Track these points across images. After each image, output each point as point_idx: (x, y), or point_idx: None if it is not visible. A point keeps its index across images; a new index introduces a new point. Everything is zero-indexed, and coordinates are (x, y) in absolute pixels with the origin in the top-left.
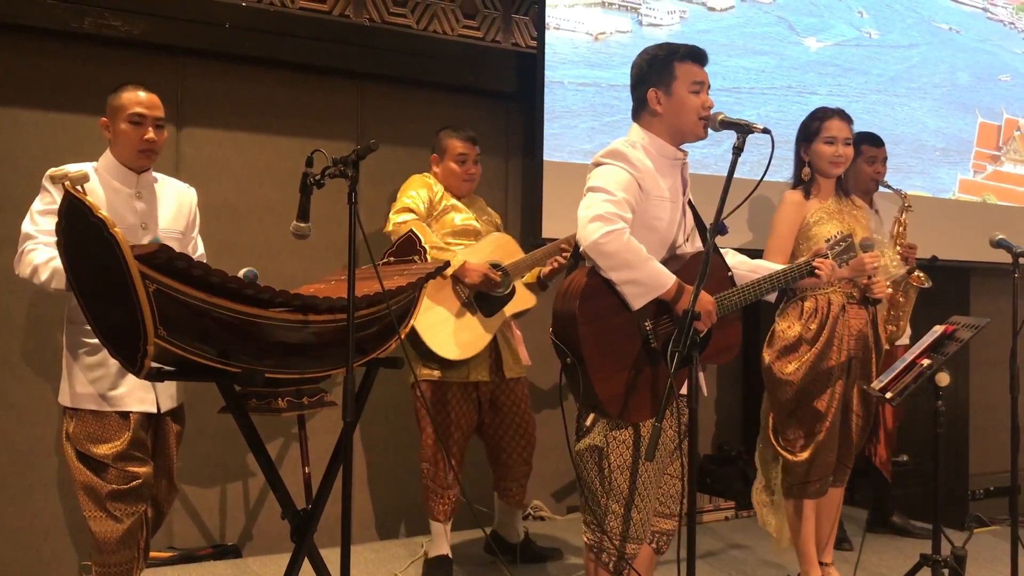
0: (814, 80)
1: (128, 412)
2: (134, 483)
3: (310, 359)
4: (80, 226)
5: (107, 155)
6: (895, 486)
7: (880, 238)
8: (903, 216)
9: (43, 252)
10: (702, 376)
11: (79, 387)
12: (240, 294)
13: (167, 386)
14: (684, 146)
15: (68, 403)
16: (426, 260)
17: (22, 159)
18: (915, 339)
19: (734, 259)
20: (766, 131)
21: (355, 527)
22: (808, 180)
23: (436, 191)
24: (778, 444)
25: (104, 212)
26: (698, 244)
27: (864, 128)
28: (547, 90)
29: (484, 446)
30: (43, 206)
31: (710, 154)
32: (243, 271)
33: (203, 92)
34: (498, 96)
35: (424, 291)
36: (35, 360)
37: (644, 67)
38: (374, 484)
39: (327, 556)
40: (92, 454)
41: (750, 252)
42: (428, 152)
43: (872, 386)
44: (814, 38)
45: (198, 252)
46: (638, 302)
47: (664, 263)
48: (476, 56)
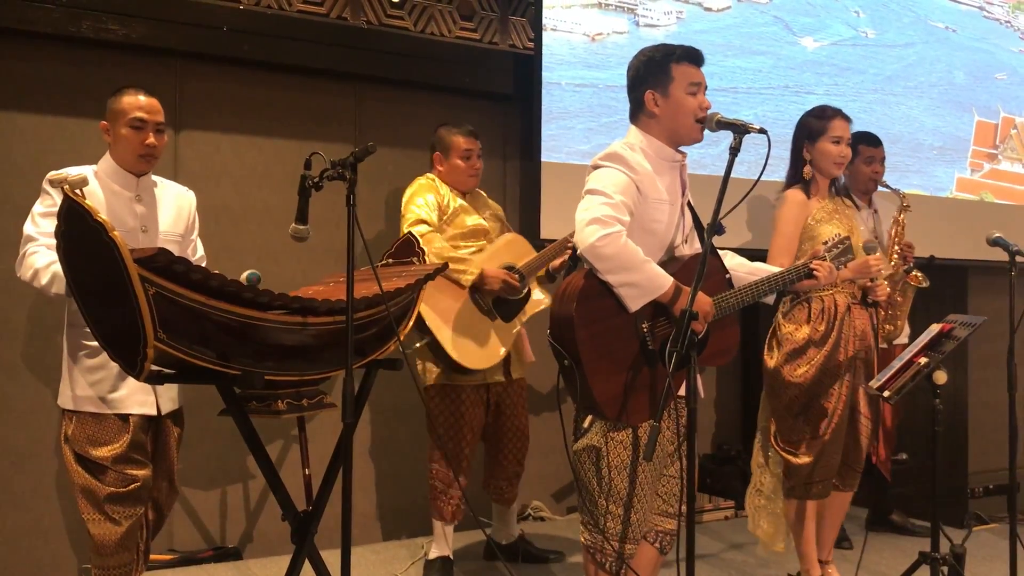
0: (811, 80)
1: (128, 415)
2: (133, 486)
3: (309, 361)
4: (80, 229)
5: (107, 158)
6: (894, 485)
7: (873, 238)
8: (901, 216)
9: (44, 256)
10: (699, 378)
11: (79, 390)
12: (239, 297)
13: (167, 388)
14: (682, 146)
15: (68, 406)
16: (424, 262)
17: (21, 163)
18: (913, 338)
19: (733, 261)
20: (762, 131)
21: (356, 528)
22: (809, 179)
23: (443, 194)
24: (780, 447)
25: (103, 215)
26: (697, 246)
27: (861, 127)
28: (544, 91)
29: (483, 446)
30: (44, 208)
31: (708, 154)
32: (246, 274)
33: (201, 95)
34: (496, 98)
35: (434, 294)
36: (35, 363)
37: (641, 69)
38: (375, 485)
39: (328, 557)
40: (91, 456)
41: (748, 252)
42: (426, 153)
43: (870, 385)
44: (811, 38)
45: (198, 254)
46: (635, 304)
47: (662, 265)
48: (473, 58)
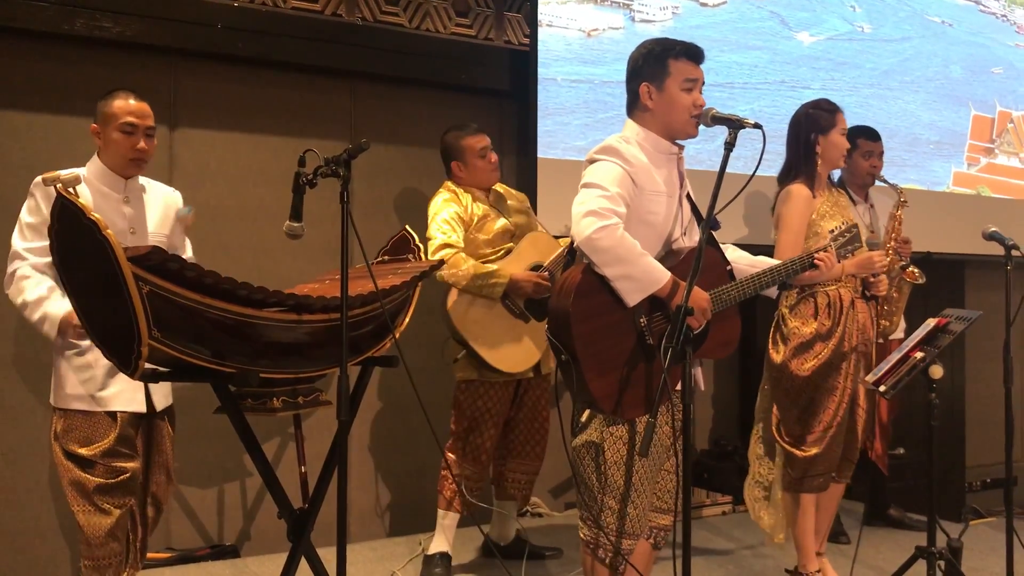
0: (807, 75)
1: (116, 412)
2: (122, 477)
3: (305, 359)
4: (73, 228)
5: (95, 161)
6: (892, 479)
7: (867, 232)
8: (899, 212)
9: (34, 287)
10: (699, 371)
11: (68, 388)
12: (234, 295)
13: (160, 385)
14: (677, 140)
15: (58, 403)
16: (420, 259)
17: (14, 161)
18: (909, 333)
19: (735, 254)
20: (757, 126)
21: (354, 525)
22: (818, 172)
23: (465, 203)
24: (783, 440)
25: (96, 215)
26: (696, 238)
27: (858, 122)
28: (540, 87)
29: (501, 437)
30: (30, 218)
31: (704, 149)
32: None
33: (196, 93)
34: (491, 94)
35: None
36: (29, 362)
37: (639, 61)
38: (373, 482)
39: (325, 555)
40: (78, 454)
41: (745, 247)
42: (422, 151)
43: (866, 379)
44: (807, 33)
45: (187, 255)
46: (632, 298)
47: (661, 258)
48: (469, 54)
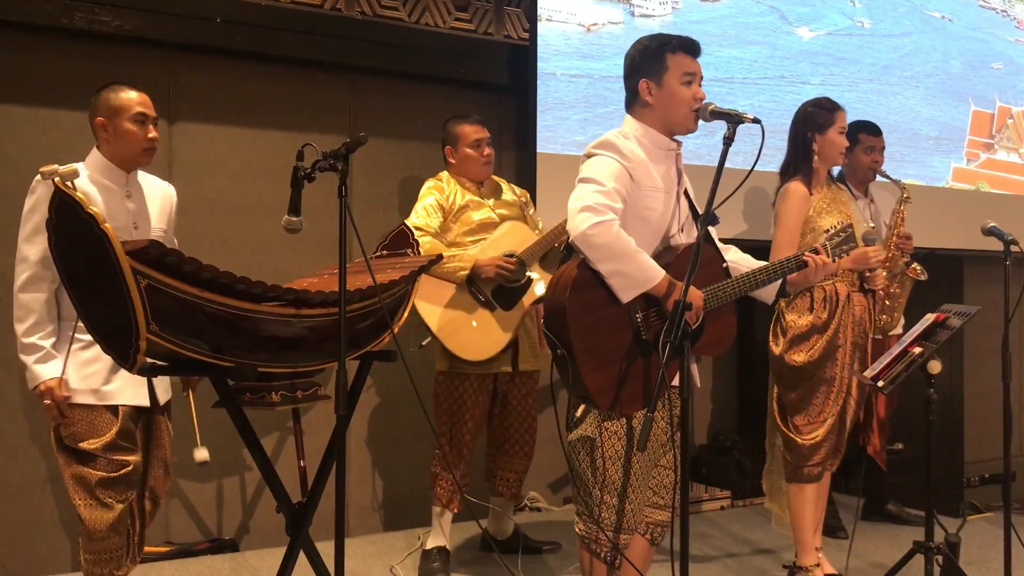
0: (807, 70)
1: (118, 406)
2: (124, 470)
3: (303, 353)
4: (70, 222)
5: (96, 155)
6: (890, 474)
7: (867, 226)
8: (902, 207)
9: (35, 332)
10: (695, 367)
11: (73, 382)
12: (232, 289)
13: (161, 378)
14: (677, 135)
15: None
16: (419, 253)
17: (13, 155)
18: (908, 328)
19: (736, 256)
20: (756, 121)
21: (353, 519)
22: (815, 170)
23: (448, 191)
24: (784, 428)
25: (94, 208)
26: (694, 235)
27: (857, 118)
28: (540, 82)
29: (487, 435)
30: (35, 217)
31: (703, 144)
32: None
33: (195, 87)
34: (490, 88)
35: (418, 284)
36: None
37: (636, 57)
38: (372, 476)
39: (324, 549)
40: (80, 448)
41: (745, 242)
42: (421, 145)
43: (864, 374)
44: (806, 28)
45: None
46: (626, 295)
47: (657, 254)
48: (468, 48)
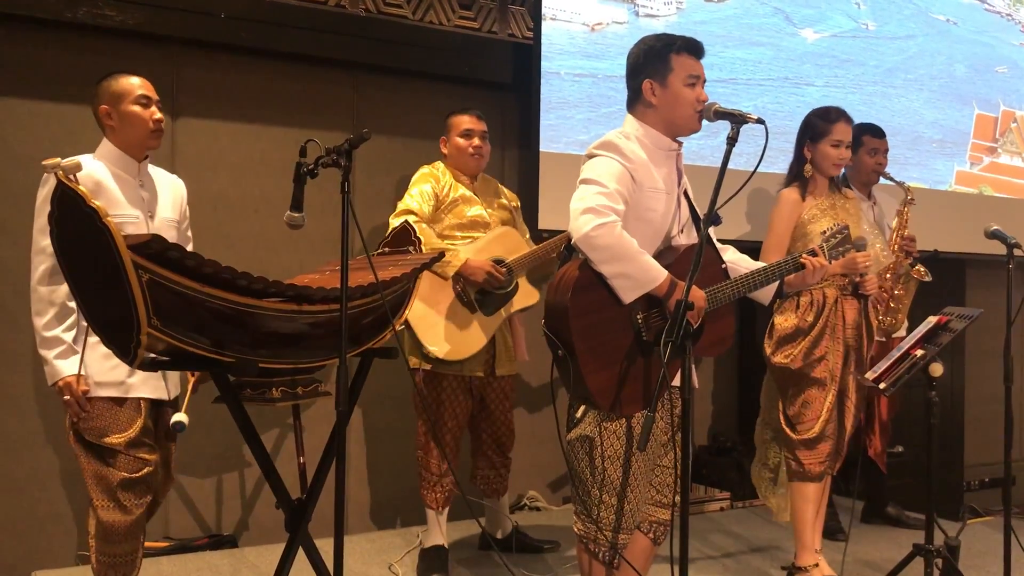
0: (811, 71)
1: (140, 399)
2: (144, 471)
3: (304, 349)
4: (73, 215)
5: (107, 144)
6: (890, 477)
7: (869, 228)
8: (906, 209)
9: (56, 325)
10: (693, 368)
11: (97, 376)
12: (234, 284)
13: (172, 373)
14: (679, 136)
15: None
16: (420, 251)
17: (17, 150)
18: (911, 330)
19: (734, 256)
20: (760, 121)
21: (352, 517)
22: (808, 178)
23: (443, 183)
24: (785, 428)
25: (96, 202)
26: (694, 236)
27: (861, 120)
28: (543, 81)
29: (468, 436)
30: (49, 208)
31: (707, 145)
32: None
33: (198, 83)
34: (494, 87)
35: (419, 282)
36: (32, 350)
37: (640, 57)
38: (371, 474)
39: (323, 546)
40: (104, 444)
41: (747, 243)
42: (424, 143)
43: (866, 376)
44: (811, 29)
45: (190, 245)
46: (628, 296)
47: (658, 255)
48: (472, 47)
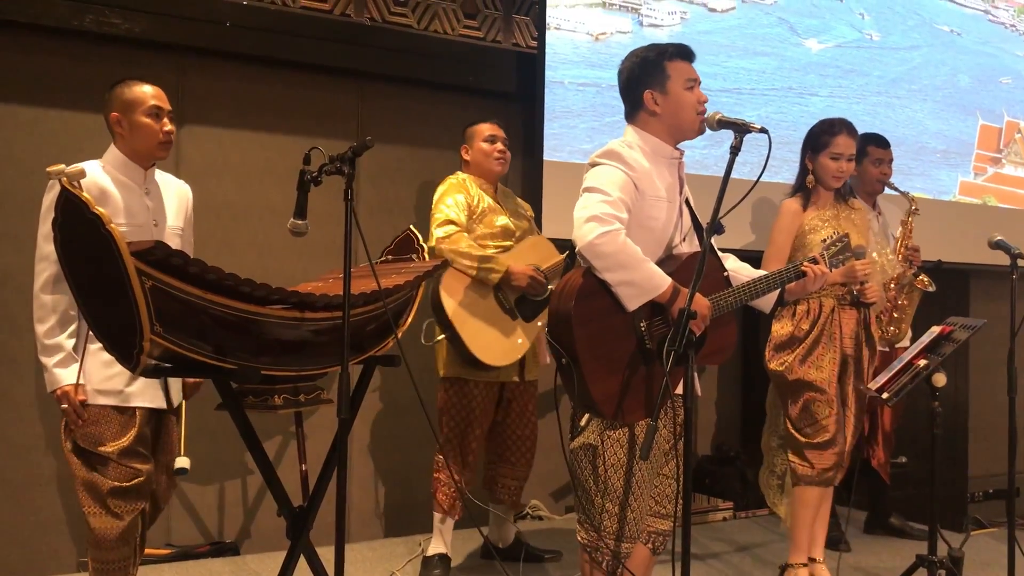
0: (815, 82)
1: (135, 408)
2: (136, 480)
3: (307, 356)
4: (76, 222)
5: (113, 151)
6: (894, 488)
7: (875, 238)
8: (910, 219)
9: (56, 332)
10: (696, 377)
11: (94, 384)
12: (237, 291)
13: (175, 380)
14: (682, 145)
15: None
16: (424, 259)
17: (22, 157)
18: (914, 340)
19: (735, 264)
20: (763, 131)
21: (354, 524)
22: (810, 189)
23: (473, 194)
24: (798, 433)
25: (100, 208)
26: (696, 244)
27: (865, 130)
28: (547, 90)
29: (488, 443)
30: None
31: (710, 155)
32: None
33: (203, 90)
34: (498, 96)
35: (461, 290)
36: (33, 356)
37: (636, 70)
38: (374, 481)
39: (325, 554)
40: (97, 451)
41: (750, 253)
42: (428, 152)
43: (869, 386)
44: (815, 39)
45: (191, 250)
46: (633, 303)
47: (660, 263)
48: (477, 56)
